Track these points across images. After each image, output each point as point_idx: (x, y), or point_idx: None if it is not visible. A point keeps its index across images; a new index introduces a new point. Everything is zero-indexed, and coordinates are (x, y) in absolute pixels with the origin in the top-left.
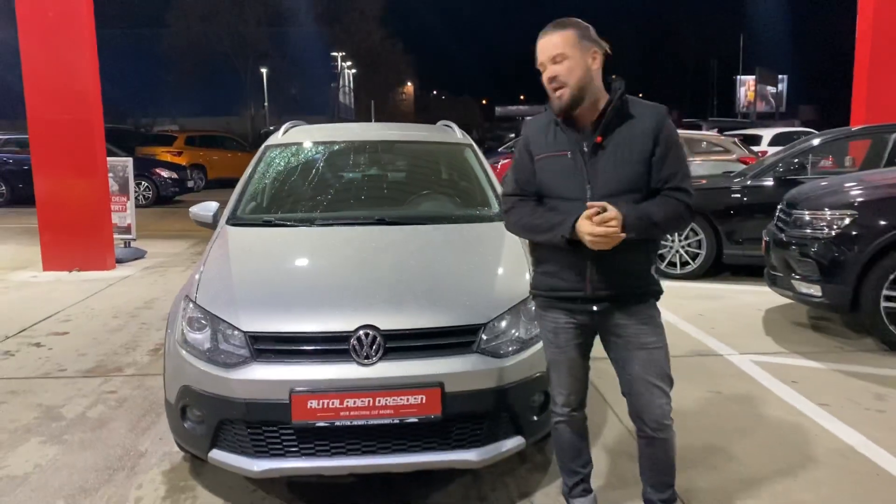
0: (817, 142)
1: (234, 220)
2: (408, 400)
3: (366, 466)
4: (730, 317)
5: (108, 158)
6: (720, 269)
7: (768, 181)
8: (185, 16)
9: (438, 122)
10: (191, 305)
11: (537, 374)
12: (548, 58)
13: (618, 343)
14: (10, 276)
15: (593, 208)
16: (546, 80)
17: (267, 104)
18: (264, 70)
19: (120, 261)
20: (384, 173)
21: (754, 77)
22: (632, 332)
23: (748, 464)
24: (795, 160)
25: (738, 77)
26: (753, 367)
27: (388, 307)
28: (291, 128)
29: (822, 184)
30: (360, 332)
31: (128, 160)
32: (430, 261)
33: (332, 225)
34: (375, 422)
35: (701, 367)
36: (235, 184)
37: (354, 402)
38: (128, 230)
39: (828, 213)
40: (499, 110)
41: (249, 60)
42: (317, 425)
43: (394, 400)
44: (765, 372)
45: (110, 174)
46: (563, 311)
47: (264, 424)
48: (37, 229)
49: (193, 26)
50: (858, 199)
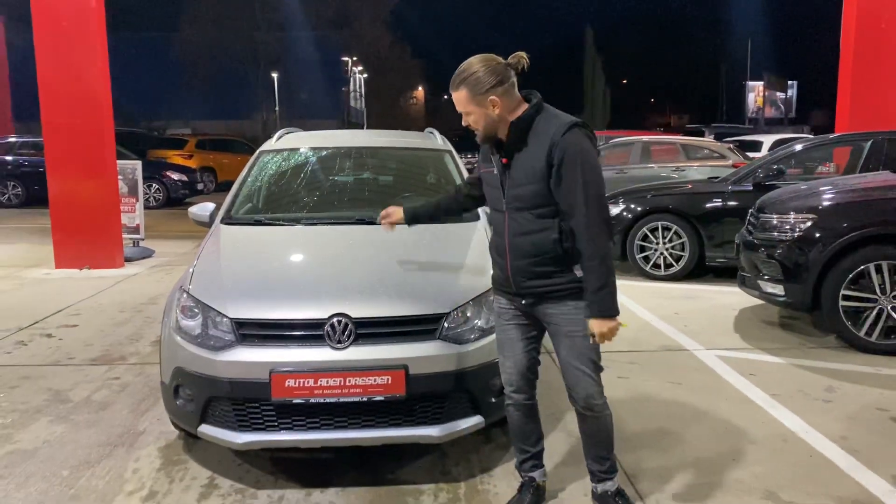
0: (799, 148)
1: (228, 220)
2: (375, 380)
3: (338, 440)
4: (704, 316)
5: (118, 161)
6: (705, 271)
7: (748, 186)
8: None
9: (425, 130)
10: (185, 295)
11: (496, 360)
12: (460, 110)
13: (549, 330)
14: (24, 273)
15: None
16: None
17: (278, 108)
18: (275, 74)
19: (128, 259)
20: (368, 177)
21: (763, 83)
22: (559, 321)
23: (695, 446)
24: (775, 166)
25: (747, 82)
26: (717, 361)
27: (359, 297)
28: (285, 134)
29: (791, 189)
30: (334, 319)
31: (137, 163)
32: (401, 256)
33: (316, 224)
34: (346, 399)
35: (666, 361)
36: None
37: (327, 382)
38: (136, 230)
39: (792, 216)
40: None
41: (261, 65)
42: (294, 402)
43: (363, 380)
44: (726, 366)
45: (120, 176)
46: (505, 297)
47: (247, 401)
48: (50, 229)
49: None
50: (820, 203)
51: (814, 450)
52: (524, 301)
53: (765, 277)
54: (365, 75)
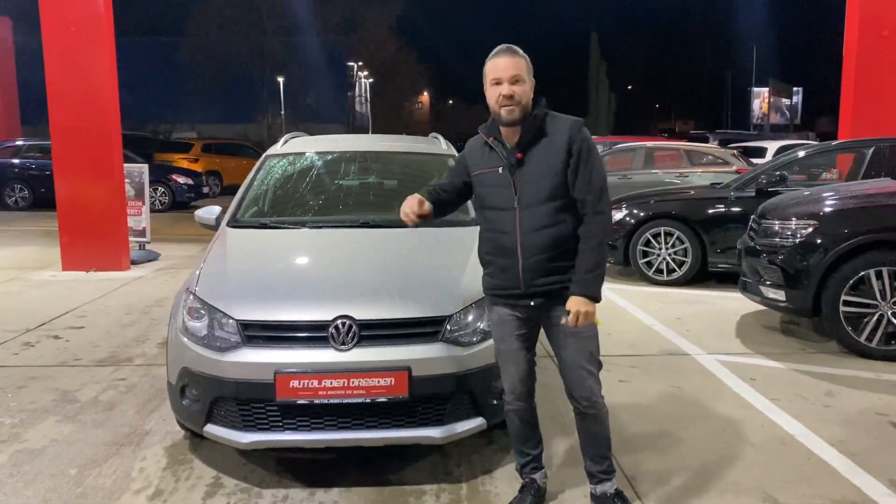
0: (801, 154)
1: (234, 223)
2: (378, 382)
3: (341, 440)
4: (705, 320)
5: (125, 165)
6: (708, 277)
7: (750, 192)
8: (204, 25)
9: (429, 134)
10: (191, 297)
11: (498, 362)
12: (509, 76)
13: (554, 331)
14: (32, 276)
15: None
16: (501, 96)
17: (283, 112)
18: (281, 79)
19: (135, 262)
20: (372, 181)
21: (768, 89)
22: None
23: (694, 449)
24: (777, 173)
25: (752, 89)
26: (718, 365)
27: (363, 300)
28: (291, 138)
29: (793, 195)
30: (338, 322)
31: (143, 166)
32: (405, 259)
33: (320, 227)
34: (349, 401)
35: (667, 365)
36: None
37: (331, 383)
38: (143, 233)
39: (793, 222)
40: None
41: (267, 69)
42: (298, 403)
43: (366, 381)
44: (727, 370)
45: (127, 180)
46: (506, 306)
47: (252, 402)
48: (57, 232)
49: (213, 36)
50: (821, 209)
51: (812, 453)
52: (533, 302)
53: (766, 283)
54: (371, 80)
